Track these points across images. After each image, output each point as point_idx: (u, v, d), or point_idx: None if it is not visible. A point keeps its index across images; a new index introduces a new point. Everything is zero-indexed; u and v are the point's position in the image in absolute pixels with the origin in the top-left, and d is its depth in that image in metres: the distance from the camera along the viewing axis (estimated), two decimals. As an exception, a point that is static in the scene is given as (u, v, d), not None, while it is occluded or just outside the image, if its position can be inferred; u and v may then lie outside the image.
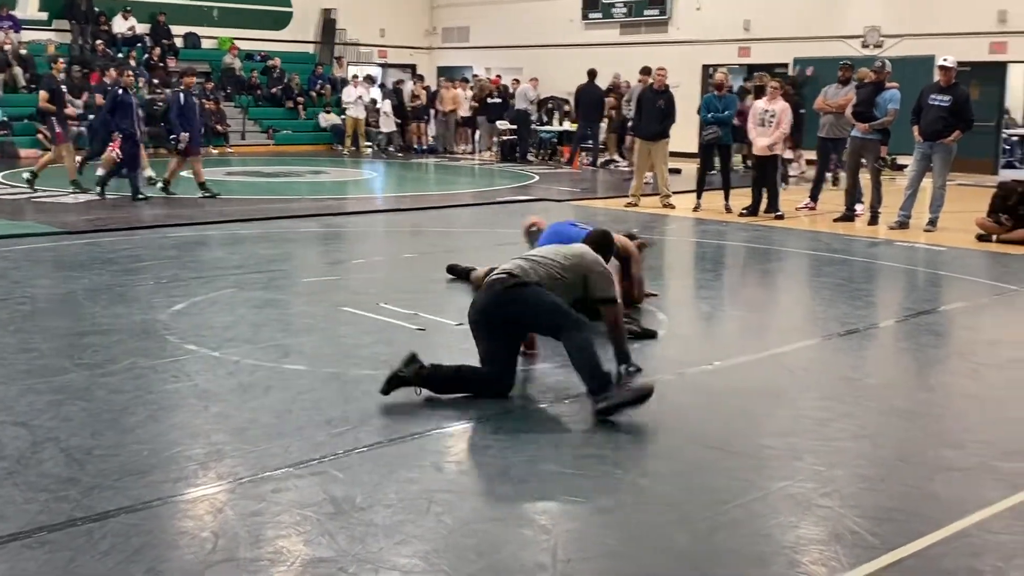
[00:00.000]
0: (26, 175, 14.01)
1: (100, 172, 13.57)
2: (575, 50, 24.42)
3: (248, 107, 23.73)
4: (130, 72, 13.75)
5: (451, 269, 8.10)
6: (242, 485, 3.86)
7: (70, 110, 14.45)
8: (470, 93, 22.92)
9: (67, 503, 3.64)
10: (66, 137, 13.93)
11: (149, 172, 14.32)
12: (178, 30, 24.43)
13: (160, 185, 13.75)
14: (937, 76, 11.39)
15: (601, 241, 5.80)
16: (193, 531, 3.47)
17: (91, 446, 4.23)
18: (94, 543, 3.34)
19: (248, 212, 12.18)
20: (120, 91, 13.11)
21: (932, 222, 11.34)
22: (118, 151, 13.07)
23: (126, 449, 4.20)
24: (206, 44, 25.13)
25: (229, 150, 21.95)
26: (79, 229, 10.50)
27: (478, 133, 23.01)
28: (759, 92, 13.44)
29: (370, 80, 24.38)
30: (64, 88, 14.51)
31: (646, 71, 16.48)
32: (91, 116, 20.07)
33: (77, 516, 3.53)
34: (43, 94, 13.95)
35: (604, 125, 20.45)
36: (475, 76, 23.68)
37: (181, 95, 13.63)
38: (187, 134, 13.31)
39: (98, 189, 13.12)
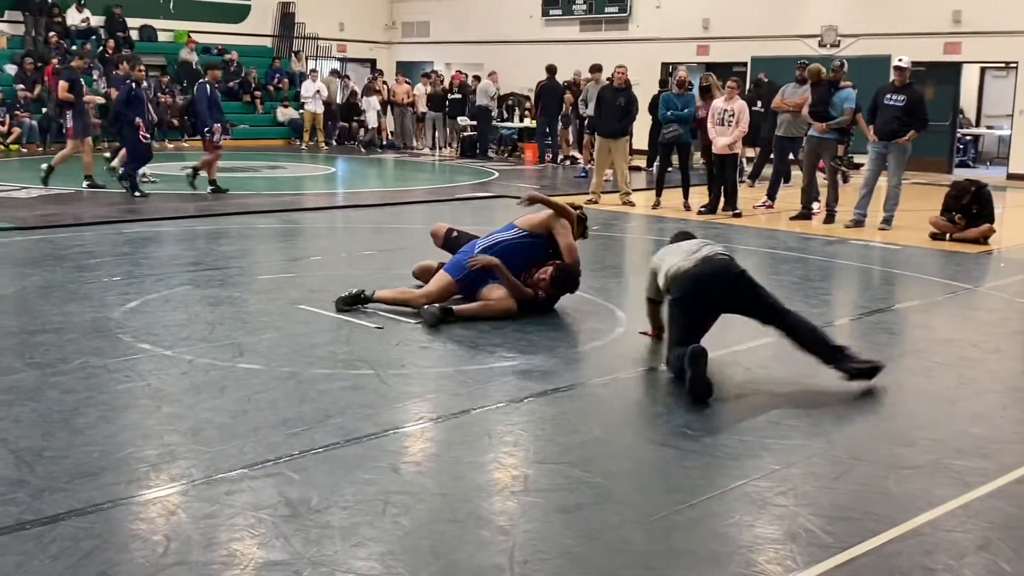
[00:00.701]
0: (43, 168, 13.71)
1: (114, 165, 13.51)
2: (535, 46, 24.43)
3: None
4: (141, 67, 13.80)
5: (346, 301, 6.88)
6: (195, 487, 3.81)
7: (92, 98, 14.31)
8: (428, 89, 22.82)
9: (15, 506, 3.57)
10: (82, 131, 13.74)
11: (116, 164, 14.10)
12: (133, 23, 24.10)
13: (208, 186, 13.69)
14: (893, 76, 11.52)
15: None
16: (145, 534, 3.42)
17: (41, 447, 4.15)
18: (43, 547, 3.28)
19: (204, 208, 12.06)
20: (133, 85, 13.05)
21: (887, 221, 11.47)
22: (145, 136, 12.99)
23: (77, 450, 4.13)
24: (162, 37, 24.82)
25: (185, 144, 21.72)
26: (31, 225, 10.33)
27: (435, 129, 22.92)
28: (704, 92, 13.51)
29: (336, 75, 24.26)
30: (82, 81, 14.34)
31: (596, 68, 16.58)
32: (44, 109, 19.86)
33: (26, 519, 3.47)
34: (63, 84, 13.69)
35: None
36: (434, 72, 23.58)
37: (207, 87, 13.64)
38: (219, 125, 13.41)
39: (125, 184, 12.96)
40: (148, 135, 13.12)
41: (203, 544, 3.34)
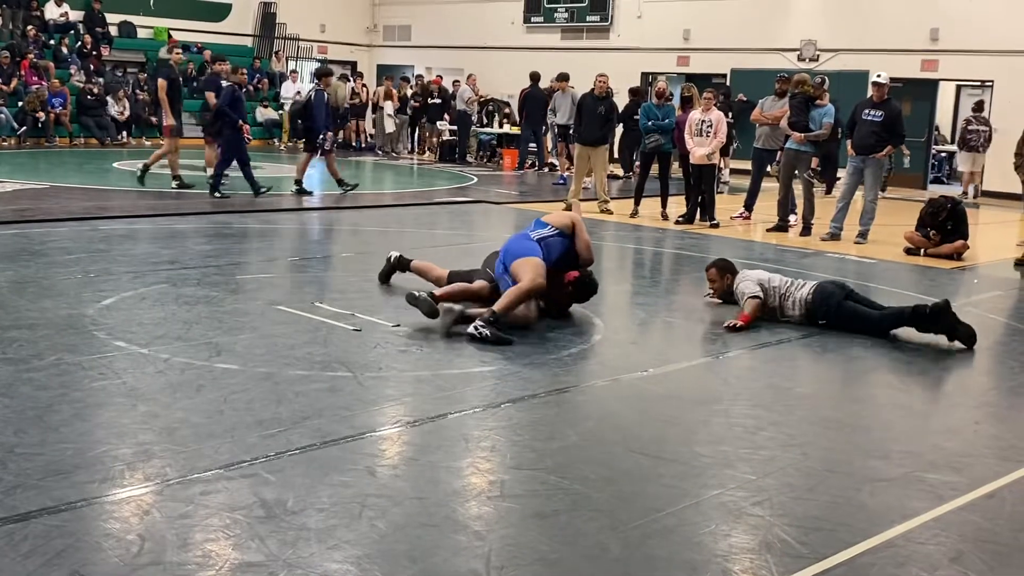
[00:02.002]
0: (139, 167, 13.82)
1: (208, 172, 13.59)
2: (516, 53, 24.47)
3: (183, 99, 23.30)
4: (243, 70, 14.33)
5: (385, 275, 7.81)
6: (170, 487, 3.78)
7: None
8: (408, 92, 22.80)
9: (-13, 503, 3.53)
10: (177, 131, 13.81)
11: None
12: (113, 18, 23.94)
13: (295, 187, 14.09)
14: (871, 91, 11.62)
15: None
16: (118, 533, 3.39)
17: (13, 444, 4.11)
18: (14, 545, 3.25)
19: (182, 207, 11.99)
20: (236, 88, 13.25)
21: (863, 235, 11.56)
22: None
23: (50, 448, 4.10)
24: (142, 34, 24.67)
25: (162, 142, 21.57)
26: (6, 219, 10.24)
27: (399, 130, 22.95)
28: (684, 103, 13.59)
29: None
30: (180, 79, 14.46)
31: (563, 77, 16.69)
32: (20, 103, 19.68)
33: (-3, 517, 3.43)
34: (162, 83, 13.65)
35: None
36: (418, 76, 23.57)
37: (324, 94, 13.91)
38: (331, 133, 13.87)
39: (212, 189, 13.02)
40: (250, 137, 13.56)
41: (177, 544, 3.31)
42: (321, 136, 13.68)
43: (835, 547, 3.54)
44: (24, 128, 19.49)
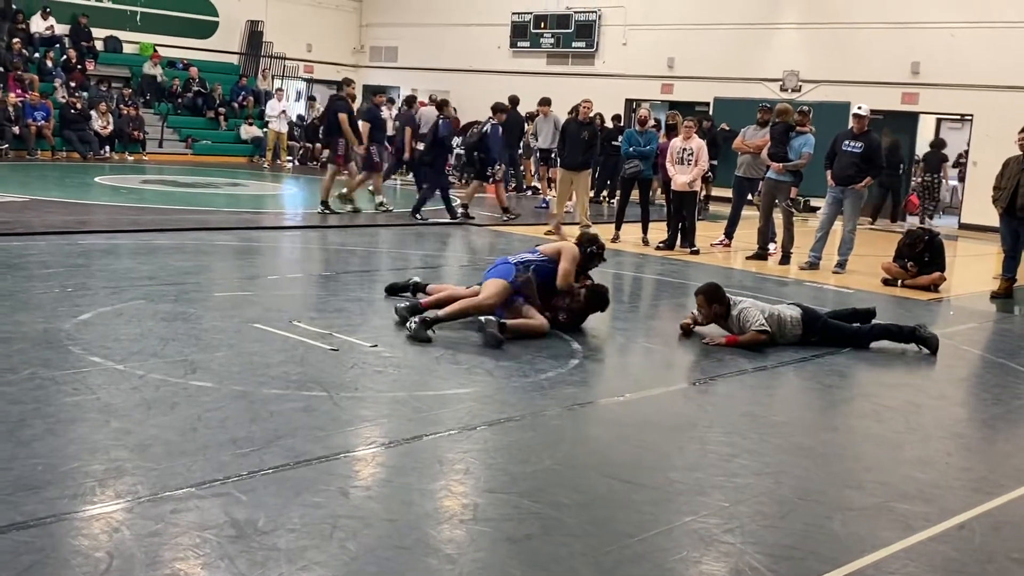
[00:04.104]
0: (339, 196, 14.32)
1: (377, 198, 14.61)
2: (502, 76, 24.58)
3: (167, 115, 23.33)
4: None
5: (391, 289, 8.14)
6: (141, 504, 3.76)
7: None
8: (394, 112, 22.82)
9: (-45, 518, 3.50)
10: (348, 159, 14.39)
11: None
12: (99, 33, 23.92)
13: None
14: (851, 123, 11.72)
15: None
16: (87, 550, 3.37)
17: (-16, 458, 4.08)
18: (-19, 560, 3.22)
19: (162, 222, 11.96)
20: (442, 120, 14.42)
21: (841, 264, 11.64)
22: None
23: (21, 463, 4.07)
24: (128, 49, 24.65)
25: (144, 158, 21.58)
26: (-17, 231, 10.18)
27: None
28: (670, 131, 13.71)
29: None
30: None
31: (545, 102, 17.03)
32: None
33: (-35, 531, 3.40)
34: (343, 117, 14.12)
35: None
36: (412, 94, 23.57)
37: (499, 128, 14.60)
38: (501, 165, 14.84)
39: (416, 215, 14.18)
40: (378, 154, 14.54)
41: (146, 562, 3.29)
42: (492, 168, 14.54)
43: (805, 575, 3.55)
44: (6, 144, 19.39)
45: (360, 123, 14.64)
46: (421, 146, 15.52)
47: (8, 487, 3.80)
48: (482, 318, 6.73)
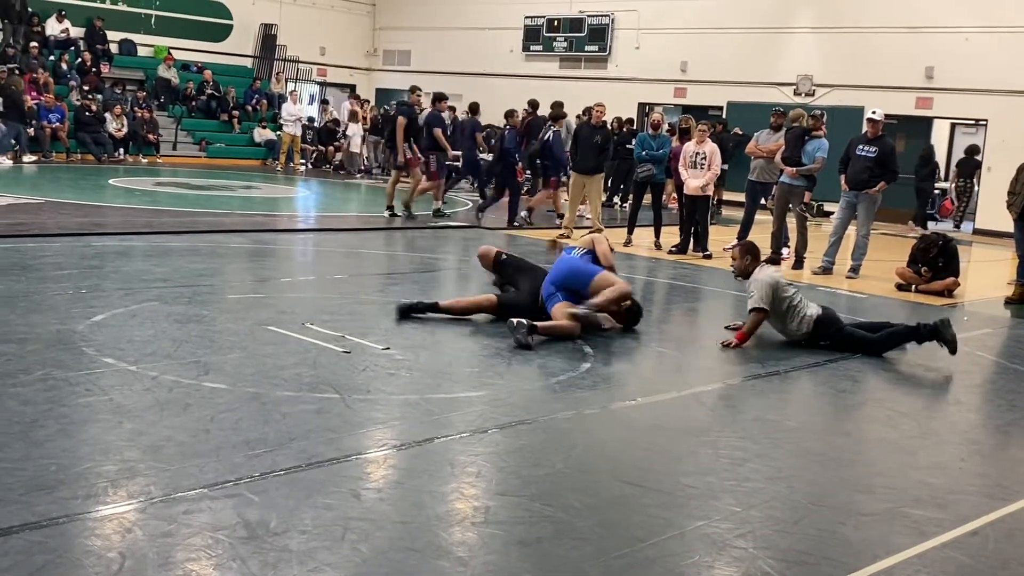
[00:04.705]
0: (399, 204, 14.51)
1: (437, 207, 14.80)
2: (514, 80, 24.59)
3: (181, 117, 23.42)
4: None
5: (410, 309, 7.58)
6: (153, 505, 3.77)
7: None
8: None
9: (-32, 517, 3.52)
10: (401, 165, 14.61)
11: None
12: (114, 36, 24.03)
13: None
14: (865, 127, 11.69)
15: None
16: (100, 551, 3.38)
17: (-3, 458, 4.10)
18: (-6, 560, 3.23)
19: (176, 224, 12.00)
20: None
21: (855, 269, 11.60)
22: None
23: (34, 463, 4.08)
24: (142, 52, 24.76)
25: (158, 160, 21.66)
26: (0, 233, 10.24)
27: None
28: (683, 135, 13.69)
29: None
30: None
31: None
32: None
33: (-22, 531, 3.42)
34: (401, 120, 14.25)
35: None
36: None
37: (561, 133, 14.94)
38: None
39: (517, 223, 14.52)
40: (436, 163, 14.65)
41: (158, 563, 3.30)
42: (554, 175, 14.94)
43: (817, 581, 3.54)
44: (17, 147, 19.47)
45: (435, 130, 14.66)
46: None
47: (21, 487, 3.82)
48: (512, 320, 6.84)
